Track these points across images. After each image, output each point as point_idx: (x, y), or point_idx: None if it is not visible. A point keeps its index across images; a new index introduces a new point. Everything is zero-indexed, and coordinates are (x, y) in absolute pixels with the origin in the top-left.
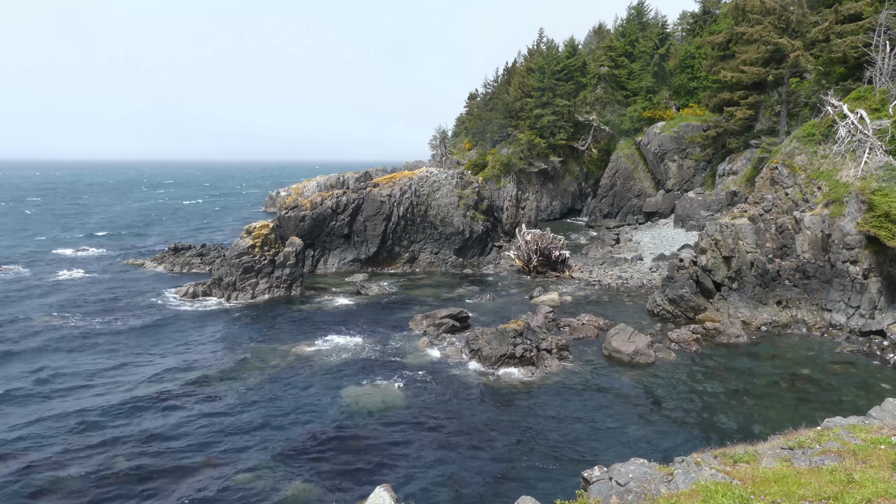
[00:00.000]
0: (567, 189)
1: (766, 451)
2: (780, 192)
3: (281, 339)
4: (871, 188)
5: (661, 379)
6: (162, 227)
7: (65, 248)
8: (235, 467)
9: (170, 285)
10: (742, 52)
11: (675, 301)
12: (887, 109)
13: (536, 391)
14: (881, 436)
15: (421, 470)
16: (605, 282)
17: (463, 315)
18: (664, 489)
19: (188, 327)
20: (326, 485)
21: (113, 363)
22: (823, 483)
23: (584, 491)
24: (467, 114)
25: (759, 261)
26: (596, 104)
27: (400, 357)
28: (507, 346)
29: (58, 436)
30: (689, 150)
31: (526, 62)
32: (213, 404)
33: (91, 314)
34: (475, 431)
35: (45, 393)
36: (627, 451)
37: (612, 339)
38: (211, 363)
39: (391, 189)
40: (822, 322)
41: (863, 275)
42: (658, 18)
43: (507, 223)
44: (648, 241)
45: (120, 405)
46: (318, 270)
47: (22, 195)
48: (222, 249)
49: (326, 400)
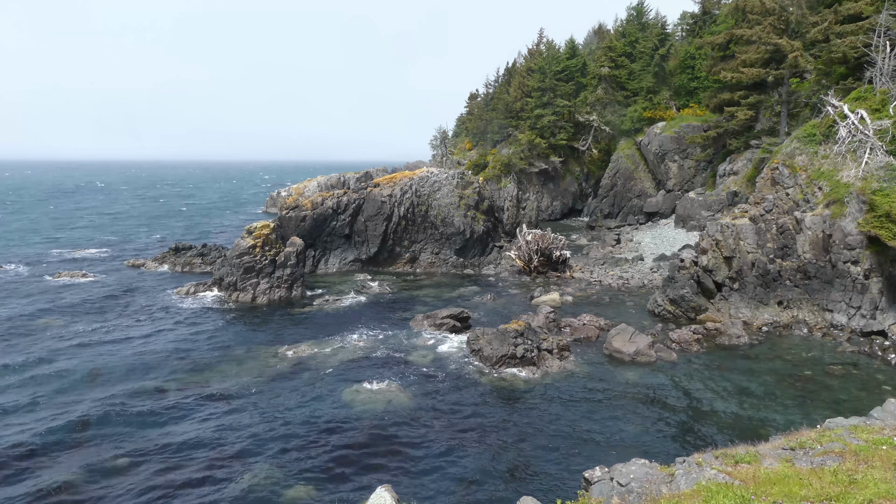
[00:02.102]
0: (568, 189)
1: (768, 452)
2: (781, 192)
3: (282, 339)
4: (871, 188)
5: (662, 379)
6: (162, 227)
7: (65, 248)
8: (236, 467)
9: (170, 285)
10: (742, 53)
11: (675, 301)
12: (888, 110)
13: (537, 391)
14: (883, 436)
15: (422, 470)
16: (606, 282)
17: (464, 315)
18: (665, 489)
19: (189, 327)
20: (327, 485)
21: (112, 363)
22: (825, 484)
23: (586, 491)
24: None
25: (760, 261)
26: (596, 104)
27: (401, 357)
28: (507, 347)
29: (56, 436)
30: (690, 151)
31: (526, 62)
32: (213, 404)
33: (91, 314)
34: (476, 432)
35: (42, 393)
36: (628, 452)
37: (612, 340)
38: (211, 363)
39: (392, 189)
40: (824, 322)
41: (864, 275)
42: (658, 19)
43: (508, 223)
44: (649, 241)
45: (119, 405)
46: (319, 270)
47: (22, 196)
48: (223, 250)
49: (327, 400)
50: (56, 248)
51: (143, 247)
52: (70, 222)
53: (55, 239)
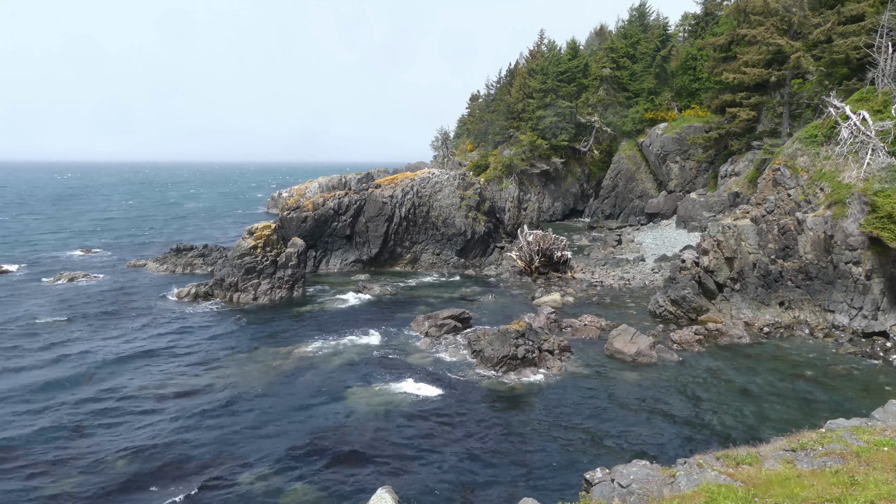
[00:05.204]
0: (569, 190)
1: (769, 453)
2: (783, 193)
3: (282, 340)
4: (873, 189)
5: (663, 380)
6: (163, 227)
7: (65, 249)
8: (237, 468)
9: (172, 286)
10: (744, 54)
11: (677, 302)
12: (890, 111)
13: (538, 392)
14: (884, 437)
15: (422, 471)
16: (607, 283)
17: (465, 316)
18: (666, 491)
19: (189, 328)
20: (328, 486)
21: (112, 364)
22: (826, 485)
23: (586, 493)
24: (469, 115)
25: (762, 262)
26: (598, 105)
27: (402, 358)
28: (508, 347)
29: (56, 436)
30: (691, 152)
31: (528, 63)
32: (214, 405)
33: (92, 315)
34: (477, 432)
35: (42, 394)
36: (629, 453)
37: (614, 340)
38: (212, 364)
39: (393, 190)
40: (825, 323)
41: (865, 276)
42: (660, 20)
43: (509, 224)
44: (650, 242)
45: (119, 406)
46: (320, 271)
47: (22, 198)
48: (224, 250)
49: (328, 401)
50: (56, 248)
51: (144, 247)
52: (70, 223)
53: (55, 240)
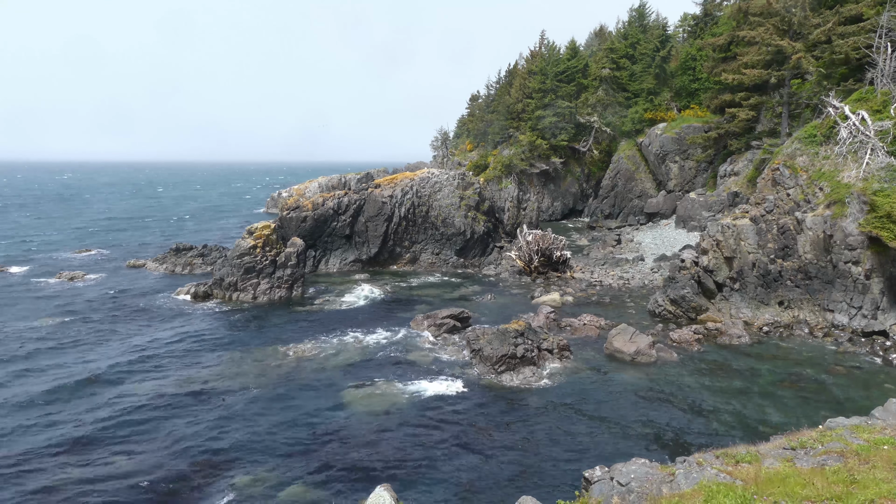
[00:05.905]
0: (568, 190)
1: (769, 452)
2: (782, 192)
3: (282, 339)
4: (872, 189)
5: (662, 379)
6: (163, 227)
7: (65, 249)
8: (236, 467)
9: (171, 286)
10: (743, 54)
11: (676, 301)
12: (889, 111)
13: (537, 391)
14: (884, 436)
15: (421, 470)
16: (607, 282)
17: (464, 315)
18: (666, 489)
19: (189, 328)
20: (327, 484)
21: (112, 364)
22: (826, 484)
23: (586, 491)
24: (469, 115)
25: (761, 261)
26: (597, 105)
27: (401, 357)
28: (508, 347)
29: (56, 437)
30: (691, 152)
31: (527, 64)
32: (213, 405)
33: (92, 315)
34: (476, 431)
35: (42, 395)
36: (629, 451)
37: (613, 340)
38: (212, 364)
39: (393, 190)
40: (825, 322)
41: (865, 275)
42: (659, 20)
43: (509, 224)
44: (650, 241)
45: (119, 406)
46: (320, 271)
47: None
48: (224, 250)
49: (327, 400)
50: (56, 248)
51: (144, 247)
52: (70, 223)
53: (55, 239)
